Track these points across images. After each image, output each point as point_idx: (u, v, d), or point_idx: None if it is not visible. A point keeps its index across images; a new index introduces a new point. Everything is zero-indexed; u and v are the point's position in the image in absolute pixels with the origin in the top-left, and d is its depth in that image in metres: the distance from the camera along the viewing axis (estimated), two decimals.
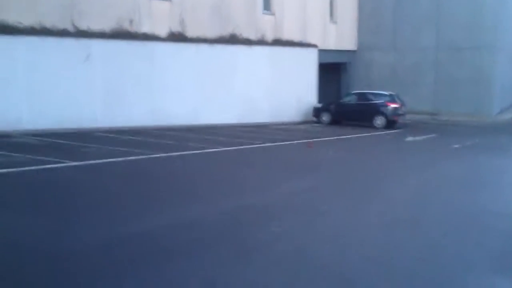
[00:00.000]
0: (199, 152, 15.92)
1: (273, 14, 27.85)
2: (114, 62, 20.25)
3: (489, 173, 14.77)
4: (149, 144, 17.18)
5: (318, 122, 28.10)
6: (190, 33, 23.17)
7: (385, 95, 27.30)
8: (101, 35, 19.79)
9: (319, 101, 29.43)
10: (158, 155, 14.74)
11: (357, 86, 32.73)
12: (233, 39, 24.99)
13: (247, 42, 25.63)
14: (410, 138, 22.66)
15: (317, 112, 28.43)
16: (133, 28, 20.96)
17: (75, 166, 12.57)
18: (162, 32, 22.11)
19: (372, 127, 26.58)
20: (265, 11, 27.56)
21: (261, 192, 10.98)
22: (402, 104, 27.48)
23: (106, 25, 20.16)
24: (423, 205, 10.31)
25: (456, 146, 20.21)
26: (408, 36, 33.15)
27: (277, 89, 27.21)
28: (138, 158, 14.03)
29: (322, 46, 30.71)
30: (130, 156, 14.10)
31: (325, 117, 28.08)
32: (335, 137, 22.17)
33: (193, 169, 13.52)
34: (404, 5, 33.20)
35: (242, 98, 25.37)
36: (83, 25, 19.51)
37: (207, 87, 23.71)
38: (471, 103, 31.19)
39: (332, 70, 34.09)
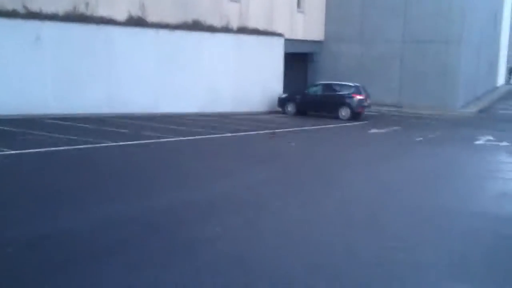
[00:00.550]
0: (153, 142, 15.01)
1: (238, 1, 26.91)
2: (67, 46, 19.13)
3: (449, 167, 14.16)
4: (101, 132, 16.19)
5: (284, 112, 27.31)
6: (151, 18, 22.10)
7: (351, 86, 26.62)
8: (54, 17, 18.62)
9: (285, 92, 28.64)
10: (106, 144, 13.78)
11: (324, 77, 32.05)
12: (196, 26, 23.98)
13: (211, 29, 24.66)
14: (373, 130, 22.04)
15: (282, 102, 27.63)
16: (89, 12, 19.80)
17: (10, 154, 11.56)
18: (120, 16, 21.02)
19: (337, 118, 25.91)
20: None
21: (210, 186, 10.15)
22: (368, 96, 26.85)
23: (60, 8, 19.00)
24: (380, 202, 9.60)
25: (419, 139, 19.63)
26: (375, 27, 32.53)
27: (242, 78, 26.33)
28: (84, 147, 13.07)
29: (289, 35, 29.90)
30: (75, 145, 13.15)
31: (290, 108, 27.30)
32: (298, 128, 21.41)
33: (140, 160, 12.61)
34: None
35: (205, 86, 24.44)
36: (35, 7, 18.34)
37: (168, 75, 22.71)
38: (436, 97, 30.77)
39: (299, 60, 33.35)
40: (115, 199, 8.69)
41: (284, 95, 27.93)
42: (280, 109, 27.58)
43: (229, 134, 17.91)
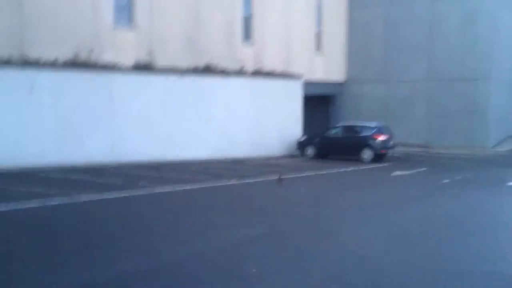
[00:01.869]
0: (143, 194, 13.24)
1: (253, 44, 25.47)
2: (67, 95, 17.86)
3: (475, 215, 11.98)
4: (91, 184, 14.61)
5: (303, 156, 25.37)
6: (160, 63, 20.71)
7: (373, 127, 24.59)
8: (53, 64, 17.35)
9: (305, 135, 26.78)
10: (85, 200, 12.10)
11: (347, 119, 30.06)
12: (208, 70, 22.49)
13: (224, 73, 23.13)
14: (397, 173, 19.88)
15: (301, 145, 25.74)
16: (93, 58, 18.50)
17: None
18: (127, 62, 19.67)
19: (359, 161, 23.83)
20: (245, 42, 25.18)
21: (183, 247, 8.30)
22: (391, 136, 24.75)
23: (60, 54, 17.76)
24: (392, 263, 7.54)
25: (445, 181, 17.42)
26: (399, 68, 30.61)
27: (258, 122, 24.64)
28: (55, 204, 11.40)
29: (308, 77, 28.23)
30: (48, 202, 11.47)
31: (310, 151, 25.36)
32: (315, 173, 19.41)
33: (119, 215, 10.85)
34: (394, 36, 30.74)
35: (218, 131, 22.80)
36: (33, 54, 17.12)
37: (177, 121, 21.18)
38: (466, 135, 28.43)
39: (320, 103, 31.60)
40: (57, 271, 6.89)
41: (303, 138, 26.06)
42: (299, 153, 25.67)
43: (235, 182, 16.06)
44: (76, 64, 17.94)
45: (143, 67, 20.09)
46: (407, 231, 9.96)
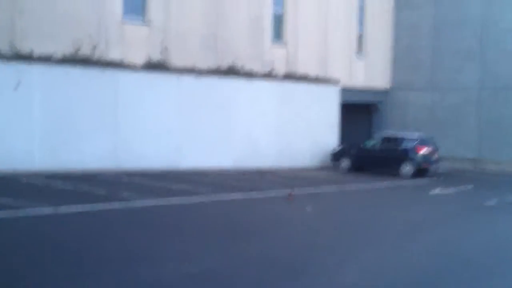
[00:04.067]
0: (115, 208, 10.91)
1: (285, 45, 22.90)
2: (62, 92, 15.81)
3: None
4: (69, 193, 12.42)
5: (336, 168, 22.53)
6: (175, 63, 18.45)
7: (415, 138, 21.52)
8: (47, 59, 15.36)
9: (341, 145, 23.97)
10: (35, 214, 9.87)
11: (390, 129, 26.91)
12: (231, 72, 20.07)
13: (250, 75, 20.65)
14: (436, 191, 16.85)
15: (335, 157, 22.91)
16: (97, 54, 16.44)
17: None
18: (137, 60, 17.52)
19: (398, 176, 20.81)
20: (275, 42, 22.65)
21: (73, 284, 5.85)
22: (435, 149, 21.61)
23: (58, 49, 15.76)
24: None
25: (491, 203, 14.31)
26: (448, 73, 27.18)
27: (287, 130, 22.01)
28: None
29: (348, 83, 25.39)
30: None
31: (344, 163, 22.49)
32: (340, 189, 16.60)
33: (50, 235, 8.53)
34: (443, 39, 27.38)
35: (241, 139, 20.33)
36: (26, 47, 15.18)
37: (193, 126, 18.81)
38: None
39: (361, 111, 28.59)
40: None
41: (337, 149, 23.23)
42: (333, 165, 22.85)
43: (239, 196, 13.51)
44: (75, 60, 15.90)
45: (156, 66, 17.87)
46: (428, 269, 7.17)
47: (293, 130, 22.23)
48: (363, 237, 9.16)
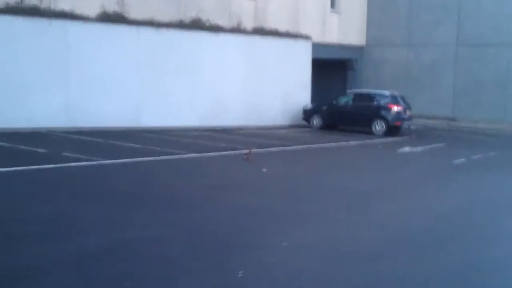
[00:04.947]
0: (49, 168, 9.83)
1: None
2: (4, 45, 14.38)
3: (486, 209, 8.15)
4: (7, 152, 11.27)
5: (308, 127, 21.55)
6: (134, 15, 17.10)
7: (387, 96, 20.54)
8: None
9: (313, 103, 22.93)
10: None
11: (366, 86, 25.79)
12: (195, 26, 18.76)
13: (216, 29, 19.35)
14: (406, 149, 15.96)
15: (307, 115, 21.88)
16: (44, 5, 15.04)
17: None
18: (91, 12, 16.13)
19: (370, 133, 19.91)
20: None
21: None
22: (407, 107, 20.66)
23: None
24: None
25: (459, 160, 13.45)
26: (425, 30, 26.02)
27: (256, 88, 20.86)
28: None
29: (321, 39, 24.17)
30: None
31: (316, 121, 21.51)
32: (305, 146, 15.64)
33: None
34: None
35: (207, 96, 19.16)
36: None
37: (154, 82, 17.60)
38: (497, 109, 23.89)
39: (336, 68, 27.45)
40: None
41: (309, 107, 22.17)
42: (305, 123, 21.85)
43: (193, 155, 12.49)
44: (20, 10, 14.52)
45: (111, 18, 16.53)
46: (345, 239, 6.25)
47: (262, 87, 21.07)
48: (307, 206, 8.17)
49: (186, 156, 12.26)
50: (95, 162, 10.53)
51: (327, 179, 10.39)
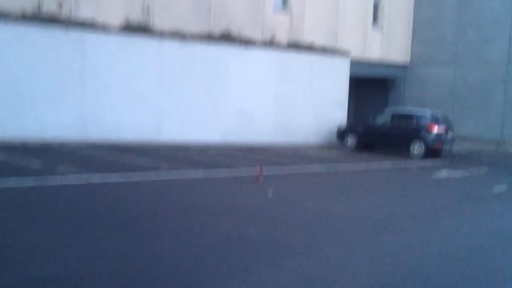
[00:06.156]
0: (31, 186, 8.82)
1: (289, 11, 20.35)
2: (17, 54, 13.67)
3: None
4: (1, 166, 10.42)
5: (342, 146, 20.05)
6: (159, 24, 16.22)
7: (427, 115, 18.82)
8: (2, 15, 13.33)
9: (350, 122, 21.46)
10: None
11: (409, 106, 24.03)
12: (226, 38, 17.73)
13: (246, 42, 18.24)
14: (443, 174, 14.27)
15: (341, 134, 20.39)
16: (64, 13, 14.33)
17: None
18: (113, 21, 15.35)
19: (408, 155, 18.24)
20: (279, 7, 20.12)
21: None
22: (450, 128, 18.87)
23: (17, 5, 13.70)
24: None
25: (501, 188, 11.70)
26: (473, 47, 24.06)
27: (288, 104, 19.61)
28: None
29: (361, 55, 22.73)
30: None
31: (350, 141, 19.97)
32: (328, 169, 14.16)
33: None
34: (469, 10, 24.23)
35: (232, 112, 18.06)
36: None
37: (177, 95, 16.60)
38: None
39: (377, 87, 25.82)
40: None
41: (343, 126, 20.69)
42: (339, 143, 20.36)
43: (200, 175, 11.27)
44: (38, 17, 13.82)
45: (135, 29, 15.69)
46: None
47: (293, 104, 19.78)
48: (297, 239, 6.77)
49: (191, 177, 11.06)
50: (82, 182, 9.46)
51: (338, 207, 8.93)
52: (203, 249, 5.88)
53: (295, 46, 19.99)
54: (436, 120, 18.59)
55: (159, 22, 16.24)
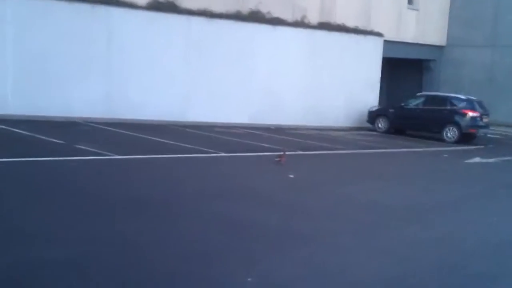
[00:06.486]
0: (50, 160, 8.71)
1: None
2: (41, 29, 13.49)
3: None
4: (26, 142, 10.37)
5: (373, 129, 19.51)
6: (187, 4, 15.89)
7: (462, 100, 18.14)
8: None
9: (380, 104, 20.85)
10: None
11: (443, 90, 23.20)
12: (254, 18, 17.30)
13: (275, 22, 17.78)
14: (475, 159, 13.67)
15: (372, 117, 19.84)
16: None
17: None
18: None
19: (441, 140, 17.63)
20: None
21: None
22: (485, 113, 18.14)
23: None
24: None
25: None
26: None
27: (318, 86, 19.09)
28: None
29: (395, 37, 21.93)
30: None
31: (382, 124, 19.43)
32: (357, 151, 13.73)
33: None
34: None
35: (260, 93, 17.62)
36: None
37: (204, 74, 16.28)
38: None
39: (410, 69, 24.98)
40: None
41: (375, 108, 20.11)
42: (370, 126, 19.82)
43: (222, 154, 11.01)
44: None
45: (162, 7, 15.39)
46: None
47: (324, 85, 19.25)
48: (312, 225, 6.42)
49: (212, 155, 10.80)
50: (104, 157, 9.31)
51: (358, 192, 8.52)
52: (212, 233, 5.61)
53: (326, 26, 19.40)
54: (471, 105, 17.88)
55: (187, 1, 15.89)
